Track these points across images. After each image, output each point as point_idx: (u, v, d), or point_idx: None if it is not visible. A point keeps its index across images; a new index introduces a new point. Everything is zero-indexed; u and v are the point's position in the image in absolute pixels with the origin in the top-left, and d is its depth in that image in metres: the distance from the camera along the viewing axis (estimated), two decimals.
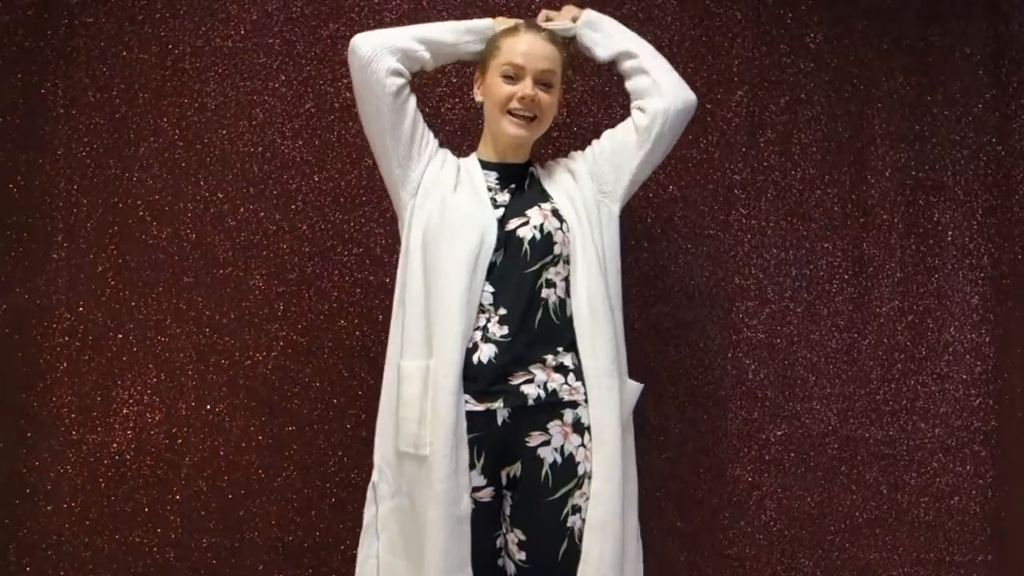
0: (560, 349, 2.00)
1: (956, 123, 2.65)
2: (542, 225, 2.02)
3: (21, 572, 2.48)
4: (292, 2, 2.57)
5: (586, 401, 1.98)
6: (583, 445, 1.97)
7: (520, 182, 2.11)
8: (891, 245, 2.64)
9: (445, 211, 2.01)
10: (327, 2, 2.57)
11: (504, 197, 2.07)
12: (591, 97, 2.57)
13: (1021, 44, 2.62)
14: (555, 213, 2.05)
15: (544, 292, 2.00)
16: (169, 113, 2.55)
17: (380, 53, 2.01)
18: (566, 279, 2.03)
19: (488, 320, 1.97)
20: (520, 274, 1.99)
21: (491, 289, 1.98)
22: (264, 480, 2.52)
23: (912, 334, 2.63)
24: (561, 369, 2.00)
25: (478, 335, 1.96)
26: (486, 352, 1.96)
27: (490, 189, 2.08)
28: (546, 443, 1.96)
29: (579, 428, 1.98)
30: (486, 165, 2.12)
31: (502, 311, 1.97)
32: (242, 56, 2.56)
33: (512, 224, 2.02)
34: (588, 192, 2.09)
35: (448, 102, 2.55)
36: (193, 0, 2.56)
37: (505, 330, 1.96)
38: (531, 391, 1.96)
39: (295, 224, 2.55)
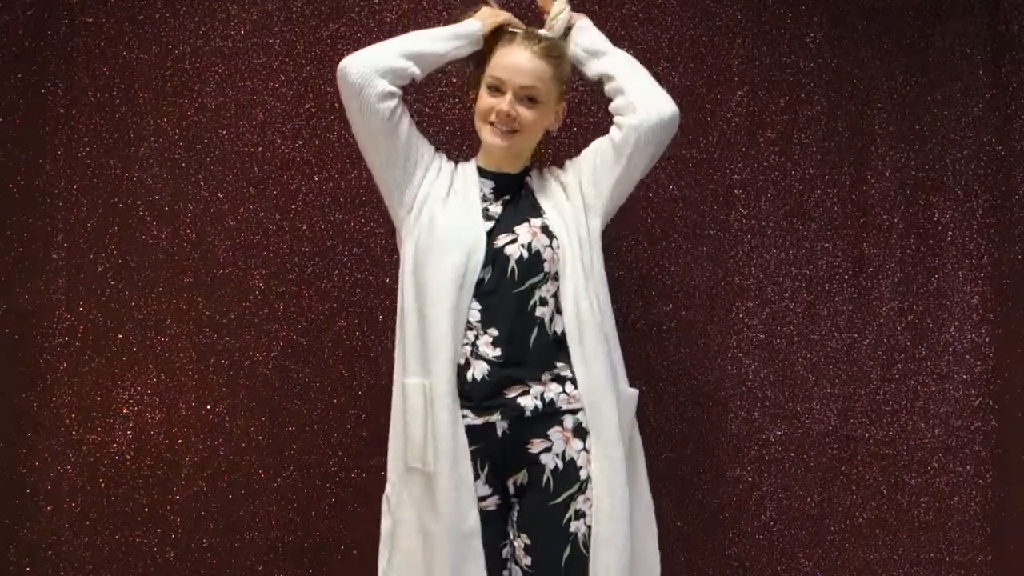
0: (559, 364, 1.98)
1: (956, 123, 2.65)
2: (530, 243, 1.98)
3: (21, 572, 2.48)
4: (292, 2, 2.56)
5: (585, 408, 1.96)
6: (585, 449, 1.95)
7: (515, 193, 2.08)
8: (891, 245, 2.64)
9: (434, 227, 1.99)
10: (327, 2, 2.56)
11: (497, 209, 2.04)
12: (591, 97, 2.56)
13: (1021, 44, 2.62)
14: (544, 229, 2.01)
15: (539, 311, 1.97)
16: (169, 113, 2.55)
17: (370, 78, 1.95)
18: (555, 295, 2.00)
19: (477, 338, 1.94)
20: (509, 293, 1.96)
21: (479, 307, 1.95)
22: (264, 480, 2.52)
23: (912, 334, 2.63)
24: (559, 379, 1.98)
25: (467, 351, 1.94)
26: (479, 369, 1.94)
27: (485, 199, 2.05)
28: (547, 449, 1.95)
29: (580, 433, 1.96)
30: (484, 173, 2.09)
31: (493, 331, 1.95)
32: (242, 56, 2.56)
33: (500, 241, 1.99)
34: (577, 206, 2.06)
35: (448, 102, 2.55)
36: (193, 0, 2.56)
37: (498, 352, 1.94)
38: (528, 403, 1.95)
39: (295, 224, 2.55)
